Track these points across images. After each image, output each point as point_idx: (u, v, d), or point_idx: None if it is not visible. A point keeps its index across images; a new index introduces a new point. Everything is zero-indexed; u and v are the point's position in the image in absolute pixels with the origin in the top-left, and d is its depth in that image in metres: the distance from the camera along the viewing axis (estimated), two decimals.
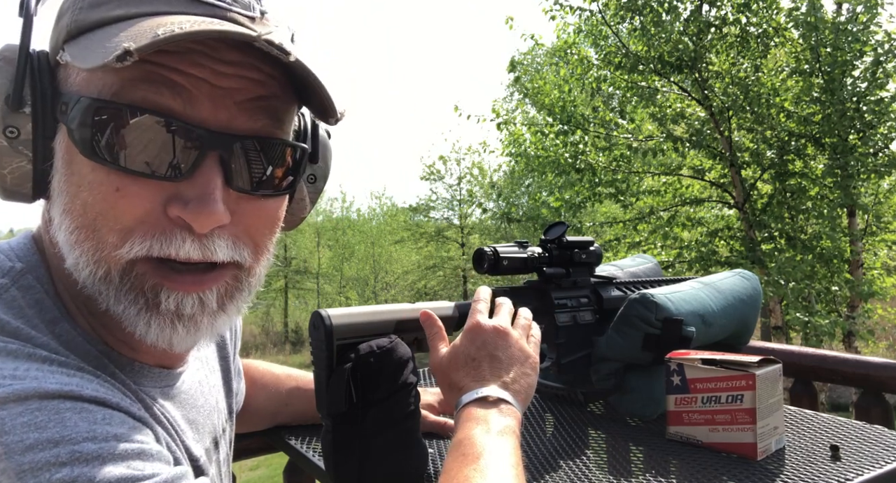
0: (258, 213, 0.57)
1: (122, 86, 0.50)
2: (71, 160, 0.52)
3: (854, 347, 7.33)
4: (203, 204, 0.51)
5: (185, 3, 0.51)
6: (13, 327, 0.51)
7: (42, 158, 0.53)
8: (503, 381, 0.72)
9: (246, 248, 0.57)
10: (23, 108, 0.51)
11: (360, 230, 20.54)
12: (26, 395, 0.45)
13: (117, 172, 0.50)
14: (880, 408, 1.32)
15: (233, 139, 0.53)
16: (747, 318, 1.16)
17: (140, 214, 0.51)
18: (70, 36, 0.52)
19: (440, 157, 17.45)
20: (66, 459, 0.43)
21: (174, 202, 0.51)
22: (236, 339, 0.89)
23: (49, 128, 0.53)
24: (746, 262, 6.98)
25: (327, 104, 0.55)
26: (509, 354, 0.75)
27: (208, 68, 0.51)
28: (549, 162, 7.76)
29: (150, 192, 0.51)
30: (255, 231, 0.58)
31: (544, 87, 8.09)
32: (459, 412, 0.70)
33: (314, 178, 0.72)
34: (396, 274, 19.83)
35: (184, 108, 0.51)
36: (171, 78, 0.50)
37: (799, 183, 7.35)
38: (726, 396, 0.86)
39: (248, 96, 0.53)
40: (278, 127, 0.57)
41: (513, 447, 0.64)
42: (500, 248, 0.96)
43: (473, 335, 0.76)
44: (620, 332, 1.02)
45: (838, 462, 0.82)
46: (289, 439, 1.01)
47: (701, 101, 7.35)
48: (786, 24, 7.05)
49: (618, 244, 8.18)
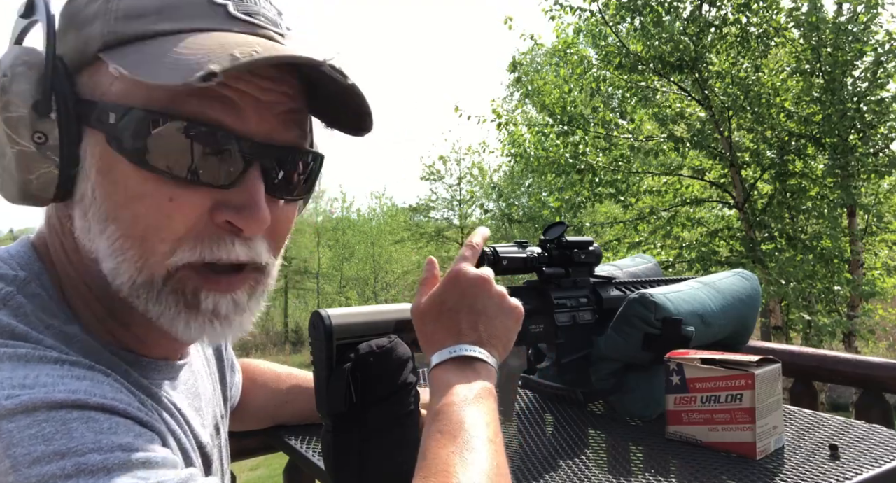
0: (286, 216, 0.62)
1: (173, 99, 0.51)
2: (111, 169, 0.53)
3: (854, 347, 7.33)
4: (253, 210, 0.55)
5: (225, 20, 0.54)
6: (22, 331, 0.52)
7: (70, 164, 0.54)
8: (479, 335, 0.70)
9: (272, 252, 0.61)
10: (50, 114, 0.52)
11: (360, 230, 20.53)
12: (34, 405, 0.46)
13: (169, 183, 0.52)
14: (880, 408, 1.32)
15: (274, 150, 0.57)
16: (746, 318, 1.16)
17: (191, 221, 0.54)
18: (107, 46, 0.52)
19: (440, 157, 17.45)
20: (72, 472, 0.44)
21: (222, 208, 0.54)
22: None
23: (75, 133, 0.53)
24: (748, 261, 6.98)
25: (365, 122, 0.61)
26: (489, 305, 0.72)
27: (253, 83, 0.54)
28: (549, 162, 7.76)
29: (200, 200, 0.54)
30: (279, 235, 0.62)
31: (544, 87, 8.09)
32: (433, 371, 0.69)
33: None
34: (396, 274, 19.82)
35: (234, 121, 0.54)
36: (222, 93, 0.52)
37: (799, 183, 7.35)
38: (725, 396, 0.86)
39: (284, 108, 0.57)
40: (304, 137, 0.62)
41: (490, 416, 0.63)
42: (500, 248, 0.96)
43: (453, 283, 0.73)
44: (620, 332, 1.02)
45: (837, 461, 0.82)
46: (289, 439, 1.01)
47: (701, 101, 7.35)
48: (786, 23, 7.05)
49: (618, 244, 8.18)
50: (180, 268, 0.55)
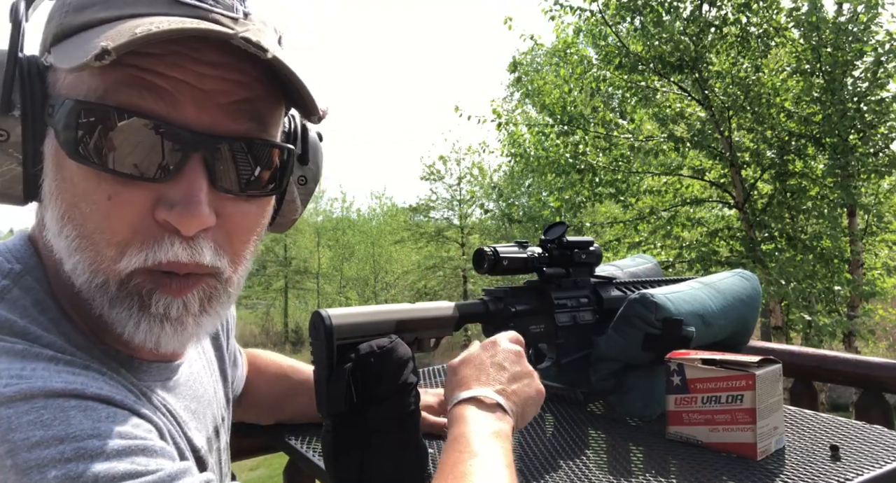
0: (242, 215, 0.58)
1: (106, 89, 0.50)
2: (61, 165, 0.53)
3: (854, 347, 7.33)
4: (188, 206, 0.51)
5: (167, 5, 0.52)
6: (20, 327, 0.52)
7: (32, 162, 0.54)
8: (503, 388, 0.74)
9: (225, 257, 0.57)
10: (12, 112, 0.52)
11: (360, 230, 20.54)
12: (32, 393, 0.46)
13: (107, 179, 0.51)
14: (880, 408, 1.32)
15: (217, 140, 0.53)
16: (747, 318, 1.16)
17: (133, 221, 0.52)
18: (56, 39, 0.53)
19: (440, 157, 17.43)
20: (71, 456, 0.44)
21: (161, 206, 0.52)
22: (229, 329, 0.90)
23: (39, 131, 0.53)
24: (748, 261, 6.97)
25: (308, 102, 0.56)
26: (516, 369, 0.78)
27: (190, 70, 0.51)
28: (549, 162, 7.76)
29: (139, 197, 0.51)
30: (236, 236, 0.58)
31: (544, 87, 8.09)
32: (454, 408, 0.71)
33: (305, 180, 0.72)
34: (396, 274, 19.82)
35: (167, 111, 0.51)
36: (152, 81, 0.50)
37: (799, 183, 7.34)
38: (726, 396, 0.86)
39: (231, 99, 0.53)
40: (263, 130, 0.57)
41: (506, 449, 0.65)
42: (500, 248, 0.96)
43: (489, 346, 0.80)
44: (620, 332, 1.02)
45: (838, 462, 0.82)
46: (289, 439, 1.01)
47: (701, 101, 7.34)
48: (786, 23, 7.05)
49: (618, 244, 8.18)
50: (133, 273, 0.53)
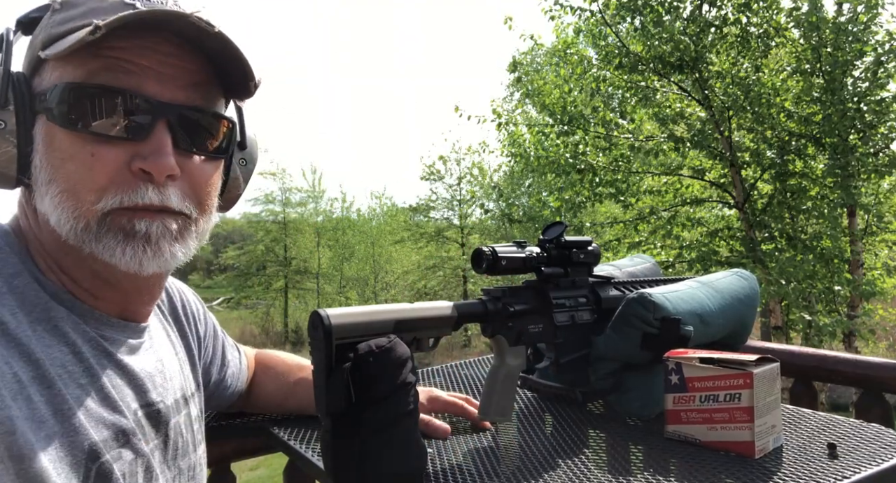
0: (201, 171, 0.71)
1: (88, 74, 0.64)
2: (52, 139, 0.65)
3: (854, 347, 7.33)
4: (158, 156, 0.65)
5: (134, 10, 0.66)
6: None
7: (24, 143, 0.66)
8: None
9: (191, 202, 0.70)
10: (8, 106, 0.65)
11: (360, 230, 20.54)
12: None
13: (91, 139, 0.64)
14: (880, 408, 1.32)
15: (177, 108, 0.67)
16: (745, 318, 1.17)
17: (111, 172, 0.64)
18: (45, 45, 0.65)
19: (440, 157, 17.45)
20: None
21: (136, 159, 0.65)
22: (195, 315, 0.96)
23: (29, 120, 0.66)
24: (748, 261, 6.97)
25: (246, 70, 0.70)
26: None
27: (154, 59, 0.66)
28: (549, 162, 7.76)
29: (116, 154, 0.64)
30: (198, 188, 0.71)
31: (544, 87, 8.09)
32: None
33: (245, 162, 0.86)
34: (396, 274, 19.82)
35: (138, 87, 0.65)
36: (125, 67, 0.65)
37: (799, 183, 7.34)
38: (724, 395, 0.86)
39: (185, 80, 0.68)
40: (210, 104, 0.72)
41: None
42: (499, 248, 0.96)
43: None
44: (619, 332, 1.02)
45: (835, 460, 0.83)
46: (289, 439, 1.01)
47: (701, 101, 7.34)
48: (786, 23, 7.05)
49: (618, 244, 8.18)
50: (111, 211, 0.64)
